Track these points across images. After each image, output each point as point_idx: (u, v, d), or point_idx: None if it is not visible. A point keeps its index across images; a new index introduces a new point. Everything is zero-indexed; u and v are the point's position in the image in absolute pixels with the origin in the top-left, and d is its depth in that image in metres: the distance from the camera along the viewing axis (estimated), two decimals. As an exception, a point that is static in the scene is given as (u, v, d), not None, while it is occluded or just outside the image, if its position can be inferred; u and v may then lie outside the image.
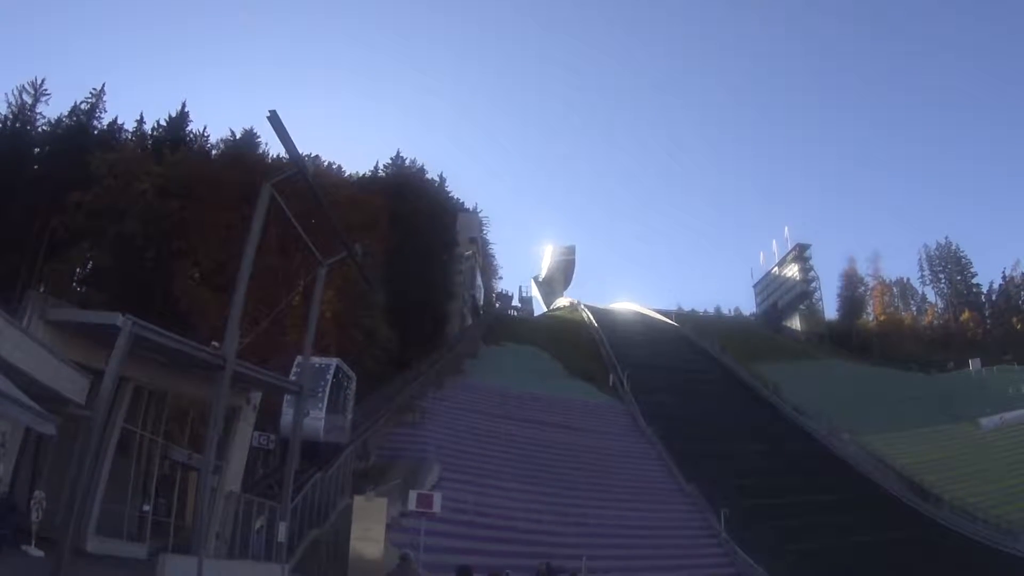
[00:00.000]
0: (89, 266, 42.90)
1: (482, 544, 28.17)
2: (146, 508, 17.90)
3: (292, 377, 25.42)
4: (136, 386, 17.10)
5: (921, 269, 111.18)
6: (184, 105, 56.20)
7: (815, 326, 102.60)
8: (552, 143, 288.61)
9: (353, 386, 32.18)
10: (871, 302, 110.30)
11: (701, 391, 63.66)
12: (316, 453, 28.25)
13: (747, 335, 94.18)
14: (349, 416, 31.89)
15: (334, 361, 30.64)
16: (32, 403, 11.22)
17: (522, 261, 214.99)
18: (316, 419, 27.77)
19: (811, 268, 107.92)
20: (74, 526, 13.10)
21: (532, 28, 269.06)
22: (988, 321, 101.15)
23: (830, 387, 66.46)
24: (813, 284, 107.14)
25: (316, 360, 28.37)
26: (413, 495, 23.81)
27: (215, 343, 17.39)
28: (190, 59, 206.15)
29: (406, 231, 55.50)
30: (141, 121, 54.87)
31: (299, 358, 26.65)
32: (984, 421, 57.02)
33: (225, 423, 18.44)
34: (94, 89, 53.54)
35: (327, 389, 29.11)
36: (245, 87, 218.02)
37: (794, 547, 36.35)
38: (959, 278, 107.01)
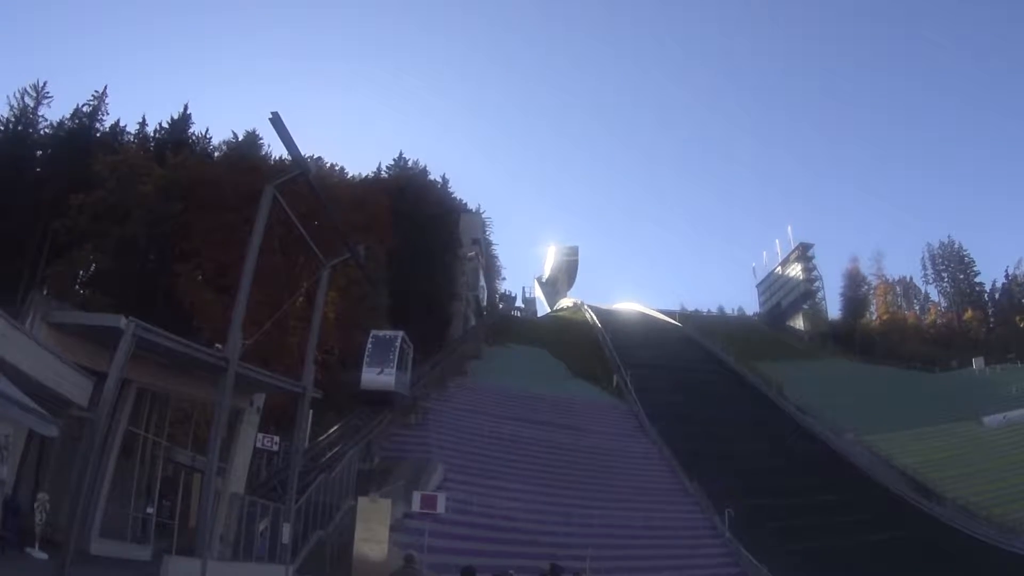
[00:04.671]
0: (92, 268, 42.93)
1: (486, 545, 28.15)
2: (150, 510, 17.95)
3: (368, 346, 36.37)
4: (139, 388, 17.13)
5: (924, 268, 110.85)
6: (186, 107, 56.51)
7: (818, 325, 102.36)
8: (555, 143, 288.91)
9: (411, 352, 38.85)
10: (874, 301, 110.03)
11: (705, 391, 63.58)
12: (390, 400, 36.73)
13: (750, 335, 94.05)
14: (409, 375, 38.89)
15: (400, 333, 37.71)
16: (35, 406, 11.23)
17: (525, 262, 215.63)
18: (389, 375, 35.55)
19: (814, 267, 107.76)
20: (78, 528, 13.13)
21: (535, 27, 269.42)
22: (991, 320, 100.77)
23: (833, 386, 66.27)
24: (816, 284, 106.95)
25: (385, 332, 37.56)
26: (417, 496, 23.80)
27: (218, 345, 17.41)
28: (192, 61, 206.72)
29: (409, 232, 55.51)
30: (143, 123, 55.16)
31: (373, 332, 37.53)
32: (987, 420, 56.80)
33: (229, 425, 18.45)
34: (96, 91, 53.83)
35: (396, 354, 36.17)
36: (247, 89, 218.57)
37: (798, 547, 36.25)
38: (962, 277, 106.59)
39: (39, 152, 50.08)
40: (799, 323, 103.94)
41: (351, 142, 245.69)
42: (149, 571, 14.86)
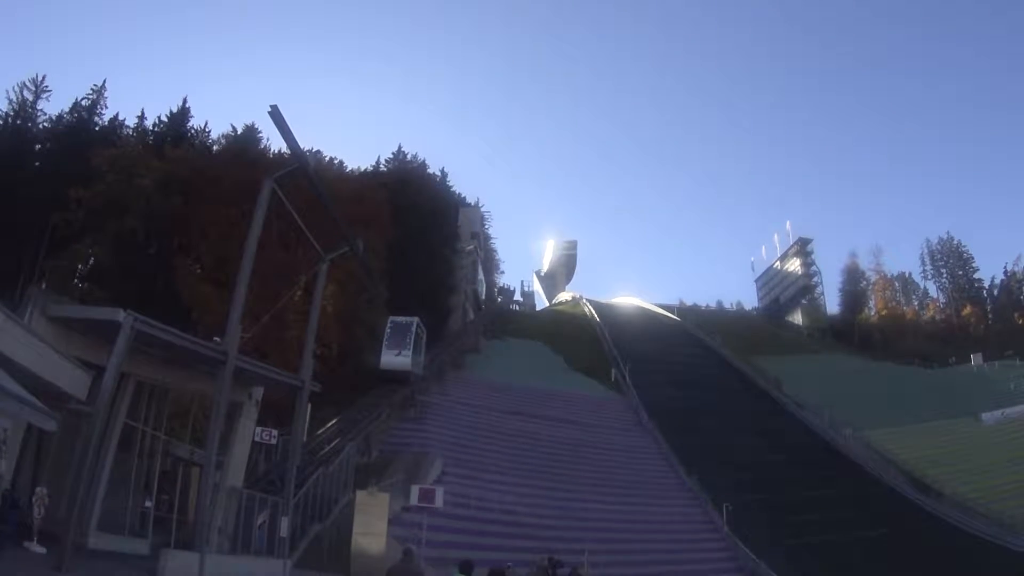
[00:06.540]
0: (90, 262, 42.77)
1: (484, 539, 28.23)
2: (148, 504, 17.90)
3: (388, 331, 40.54)
4: (138, 382, 17.09)
5: (923, 264, 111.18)
6: (185, 101, 56.21)
7: (817, 321, 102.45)
8: (554, 137, 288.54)
9: (425, 336, 42.97)
10: (872, 297, 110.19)
11: (703, 385, 63.60)
12: (406, 380, 40.79)
13: (749, 330, 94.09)
14: (423, 357, 42.96)
15: (415, 319, 41.47)
16: (34, 399, 11.21)
17: (524, 255, 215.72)
18: (406, 357, 39.65)
19: (813, 263, 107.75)
20: (76, 522, 13.14)
21: (533, 21, 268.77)
22: (989, 316, 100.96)
23: (831, 382, 66.34)
24: (815, 279, 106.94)
25: (402, 318, 41.31)
26: (415, 490, 23.83)
27: (217, 338, 17.39)
28: (191, 55, 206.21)
29: (407, 226, 55.44)
30: (142, 117, 54.91)
31: (391, 318, 41.54)
32: (985, 416, 56.95)
33: (227, 418, 18.44)
34: (95, 85, 53.57)
35: (412, 338, 40.18)
36: (246, 83, 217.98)
37: (795, 541, 36.38)
38: (960, 273, 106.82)
39: (38, 146, 49.88)
40: (798, 318, 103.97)
41: (350, 136, 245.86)
42: (148, 565, 14.87)
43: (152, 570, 14.35)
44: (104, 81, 53.94)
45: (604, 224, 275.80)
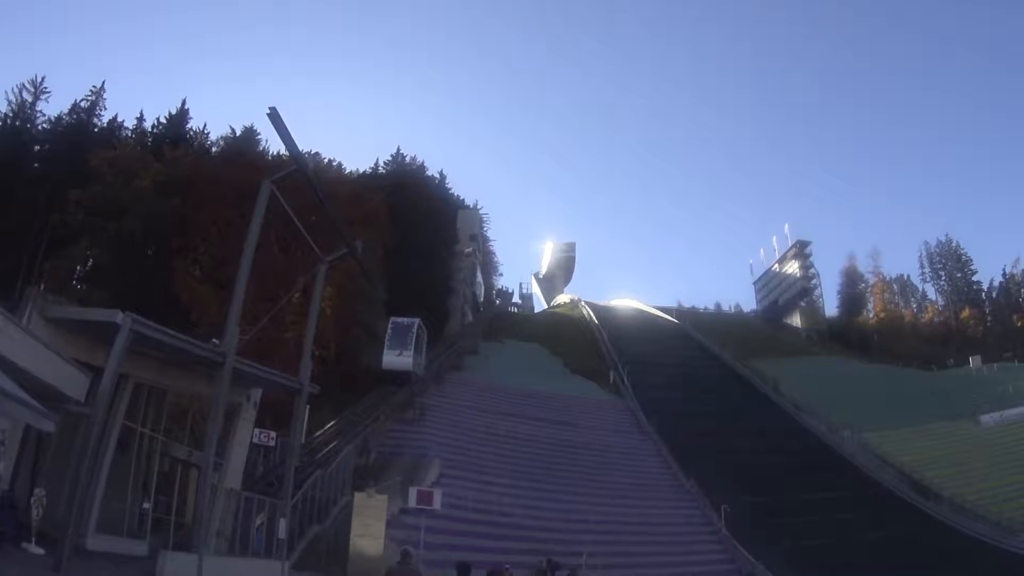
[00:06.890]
0: (89, 263, 42.86)
1: (482, 541, 28.22)
2: (146, 505, 17.87)
3: (389, 331, 40.67)
4: (136, 383, 17.06)
5: (921, 266, 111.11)
6: (184, 102, 56.32)
7: (815, 323, 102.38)
8: (553, 139, 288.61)
9: (425, 337, 43.37)
10: (871, 299, 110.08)
11: (701, 387, 63.64)
12: (407, 380, 41.85)
13: (747, 332, 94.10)
14: (424, 357, 43.36)
15: (416, 320, 41.93)
16: (32, 400, 11.19)
17: (522, 258, 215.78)
18: (407, 357, 40.02)
19: (811, 265, 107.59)
20: (74, 523, 13.11)
21: (533, 23, 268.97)
22: (988, 318, 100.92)
23: (830, 384, 66.34)
24: (813, 281, 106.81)
25: (403, 319, 41.66)
26: (413, 492, 23.86)
27: (215, 340, 17.37)
28: (191, 57, 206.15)
29: (406, 228, 55.48)
30: (141, 119, 55.06)
31: (392, 319, 41.67)
32: (984, 418, 56.88)
33: (225, 420, 18.42)
34: (94, 87, 53.69)
35: (414, 338, 40.69)
36: (245, 85, 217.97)
37: (794, 543, 36.33)
38: (959, 275, 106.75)
39: (37, 147, 49.94)
40: (796, 320, 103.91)
41: (348, 138, 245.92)
42: (146, 566, 14.86)
43: (150, 572, 14.32)
44: (103, 82, 54.11)
45: (603, 226, 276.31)
